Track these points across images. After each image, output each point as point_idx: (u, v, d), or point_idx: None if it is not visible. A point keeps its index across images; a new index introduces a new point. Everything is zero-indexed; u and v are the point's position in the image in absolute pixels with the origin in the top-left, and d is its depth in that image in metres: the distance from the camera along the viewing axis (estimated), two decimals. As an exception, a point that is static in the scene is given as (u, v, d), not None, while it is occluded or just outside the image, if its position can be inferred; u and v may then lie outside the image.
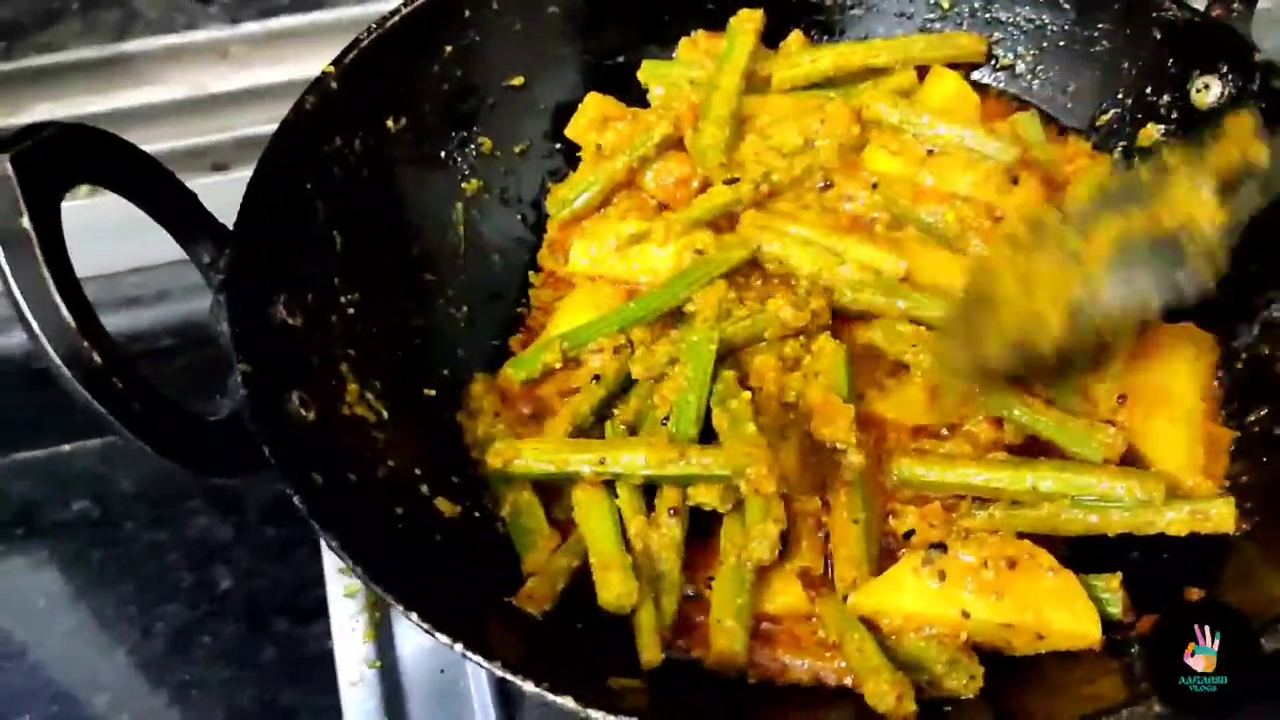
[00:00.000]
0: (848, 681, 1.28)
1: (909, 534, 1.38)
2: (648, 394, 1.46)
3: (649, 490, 1.37)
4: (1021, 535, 1.32)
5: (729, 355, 1.48)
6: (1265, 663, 1.11)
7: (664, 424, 1.41)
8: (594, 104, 1.78)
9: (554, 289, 1.70)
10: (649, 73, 1.82)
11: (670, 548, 1.33)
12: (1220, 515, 1.31)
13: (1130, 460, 1.41)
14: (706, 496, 1.33)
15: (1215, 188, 1.27)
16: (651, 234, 1.62)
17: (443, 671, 1.49)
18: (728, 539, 1.33)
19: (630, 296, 1.59)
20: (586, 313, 1.58)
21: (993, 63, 1.82)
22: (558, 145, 1.81)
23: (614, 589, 1.28)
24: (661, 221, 1.63)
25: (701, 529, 1.37)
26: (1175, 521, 1.32)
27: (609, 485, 1.37)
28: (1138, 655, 1.23)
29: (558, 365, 1.51)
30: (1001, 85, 1.83)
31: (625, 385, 1.48)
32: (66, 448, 1.84)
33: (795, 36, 1.84)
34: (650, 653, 1.26)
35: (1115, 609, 1.29)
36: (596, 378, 1.48)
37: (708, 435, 1.39)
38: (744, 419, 1.35)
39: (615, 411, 1.47)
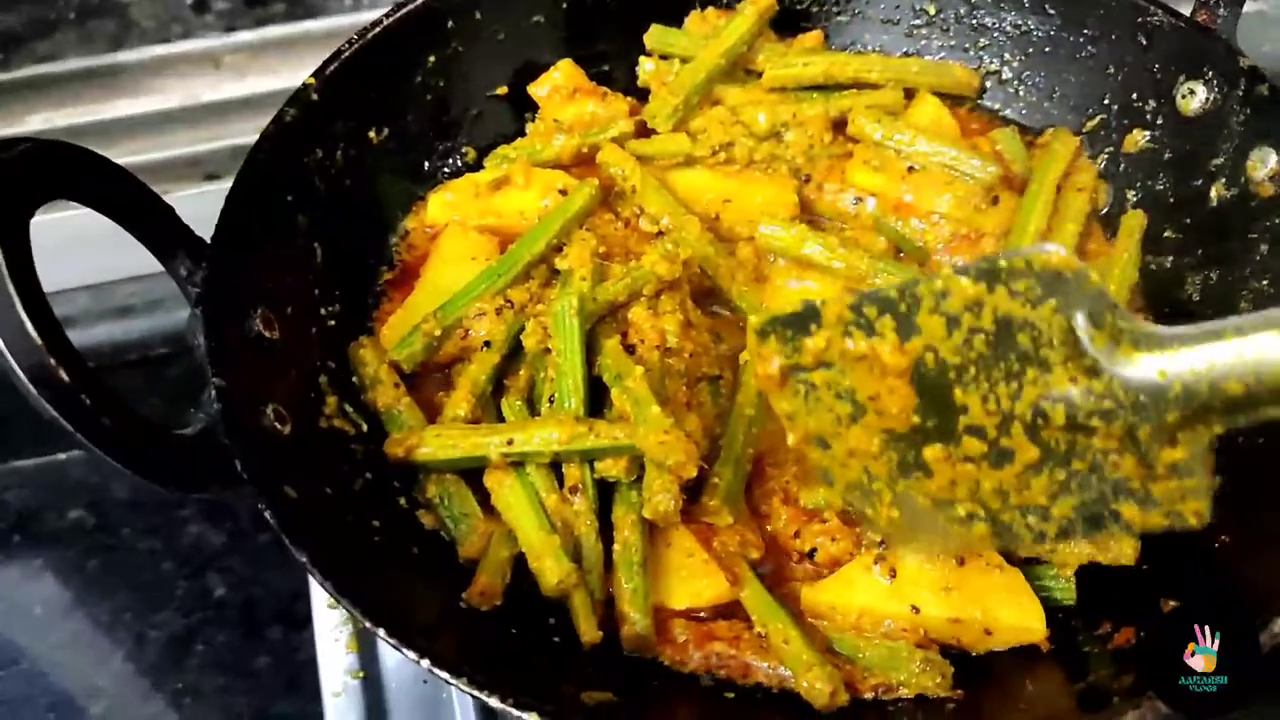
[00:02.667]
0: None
1: (812, 552, 1.39)
2: (538, 364, 1.46)
3: (555, 468, 1.38)
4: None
5: (613, 313, 1.47)
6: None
7: (550, 402, 1.41)
8: (566, 70, 1.77)
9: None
10: (656, 38, 1.81)
11: (585, 523, 1.34)
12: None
13: None
14: (614, 470, 1.34)
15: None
16: (511, 178, 1.62)
17: (425, 682, 1.50)
18: (620, 513, 1.35)
19: (503, 244, 1.58)
20: (458, 260, 1.56)
21: (979, 68, 1.81)
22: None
23: (553, 576, 1.29)
24: (520, 165, 1.64)
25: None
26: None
27: (518, 466, 1.37)
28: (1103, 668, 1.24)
29: (438, 333, 1.47)
30: (987, 91, 1.82)
31: (516, 347, 1.47)
32: (61, 456, 1.86)
33: (814, 36, 1.84)
34: (589, 634, 1.28)
35: (1065, 596, 1.32)
36: (487, 344, 1.46)
37: (597, 399, 1.41)
38: (646, 400, 1.34)
39: (507, 383, 1.46)
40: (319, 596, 1.57)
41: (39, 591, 1.73)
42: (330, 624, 1.54)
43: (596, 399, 1.41)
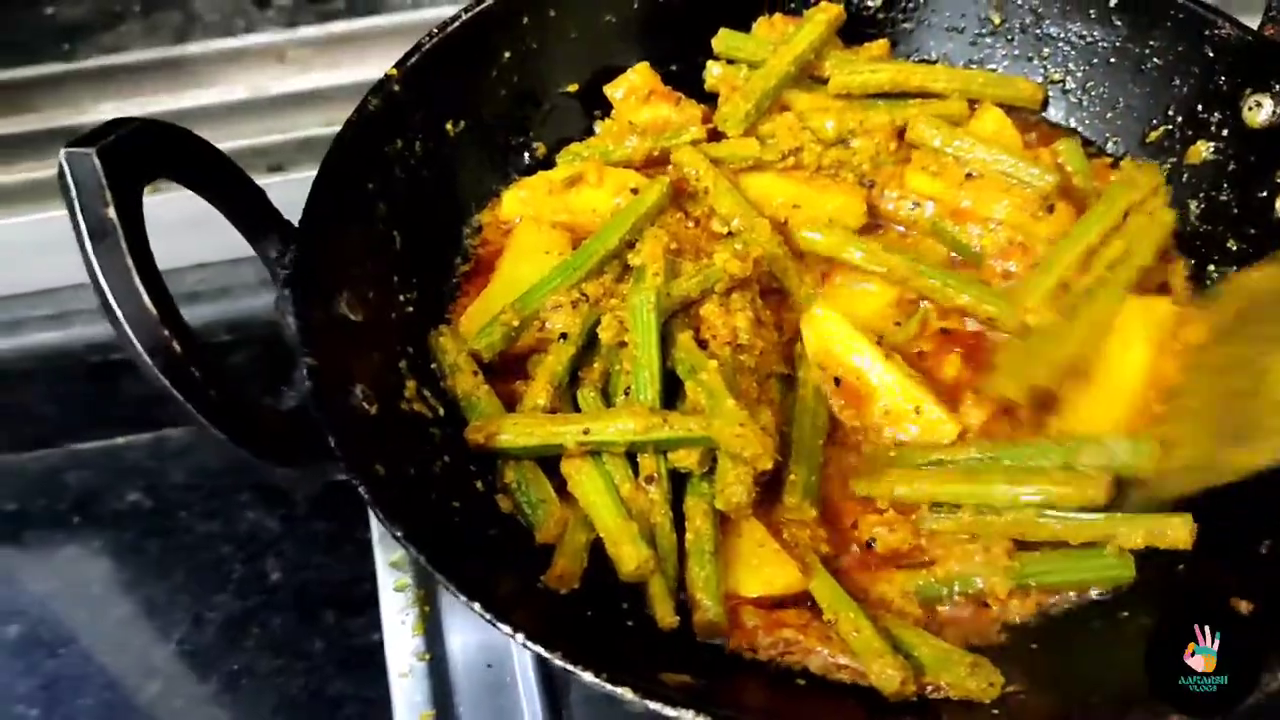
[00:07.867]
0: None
1: (870, 542, 1.41)
2: (613, 356, 1.47)
3: (630, 458, 1.40)
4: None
5: (684, 309, 1.49)
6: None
7: (625, 394, 1.43)
8: (643, 74, 1.79)
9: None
10: (724, 42, 1.83)
11: (660, 511, 1.36)
12: (1177, 533, 1.34)
13: None
14: (687, 460, 1.36)
15: None
16: (585, 177, 1.65)
17: (489, 665, 1.51)
18: (692, 504, 1.37)
19: (575, 240, 1.61)
20: (533, 254, 1.59)
21: (1043, 79, 1.83)
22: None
23: (631, 562, 1.31)
24: (593, 163, 1.66)
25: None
26: (1132, 537, 1.35)
27: (595, 455, 1.39)
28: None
29: (516, 323, 1.49)
30: (1050, 101, 1.84)
31: (591, 339, 1.49)
32: (120, 440, 1.88)
33: (880, 44, 1.86)
34: (666, 618, 1.30)
35: (1125, 573, 1.36)
36: (563, 336, 1.49)
37: (670, 392, 1.42)
38: (720, 394, 1.36)
39: (581, 374, 1.48)
40: (385, 580, 1.59)
41: (97, 572, 1.75)
42: (397, 606, 1.56)
43: (670, 392, 1.43)
